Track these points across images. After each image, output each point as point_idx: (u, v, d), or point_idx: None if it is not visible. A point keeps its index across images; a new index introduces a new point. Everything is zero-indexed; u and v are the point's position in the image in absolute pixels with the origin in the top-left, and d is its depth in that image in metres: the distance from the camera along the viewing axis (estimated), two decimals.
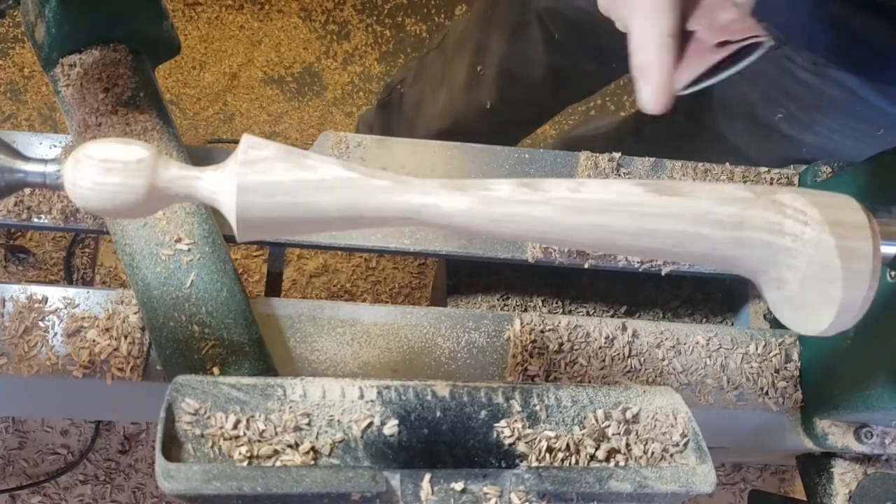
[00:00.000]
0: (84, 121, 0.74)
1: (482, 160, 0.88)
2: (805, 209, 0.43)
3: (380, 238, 0.83)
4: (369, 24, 1.96)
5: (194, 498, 0.48)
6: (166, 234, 0.71)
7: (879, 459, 0.83)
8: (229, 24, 1.91)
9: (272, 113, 1.85)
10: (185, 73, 1.85)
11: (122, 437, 1.58)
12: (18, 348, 0.74)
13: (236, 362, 0.69)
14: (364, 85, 1.91)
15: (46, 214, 0.80)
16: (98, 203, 0.44)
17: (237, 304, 0.71)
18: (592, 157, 0.88)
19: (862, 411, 0.73)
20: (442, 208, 0.45)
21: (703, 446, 0.56)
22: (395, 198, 0.44)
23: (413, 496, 0.51)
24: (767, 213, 0.45)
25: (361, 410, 0.55)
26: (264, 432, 0.53)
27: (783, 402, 0.81)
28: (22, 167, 0.48)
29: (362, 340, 0.79)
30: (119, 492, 1.56)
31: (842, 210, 0.43)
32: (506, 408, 0.56)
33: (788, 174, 0.89)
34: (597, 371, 0.79)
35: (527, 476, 0.52)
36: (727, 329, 0.83)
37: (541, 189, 0.45)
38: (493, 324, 0.81)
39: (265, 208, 0.43)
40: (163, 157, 0.45)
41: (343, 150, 0.86)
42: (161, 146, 0.75)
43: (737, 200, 0.45)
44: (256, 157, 0.43)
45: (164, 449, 0.49)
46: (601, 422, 0.56)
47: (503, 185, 0.45)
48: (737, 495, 1.66)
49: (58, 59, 0.77)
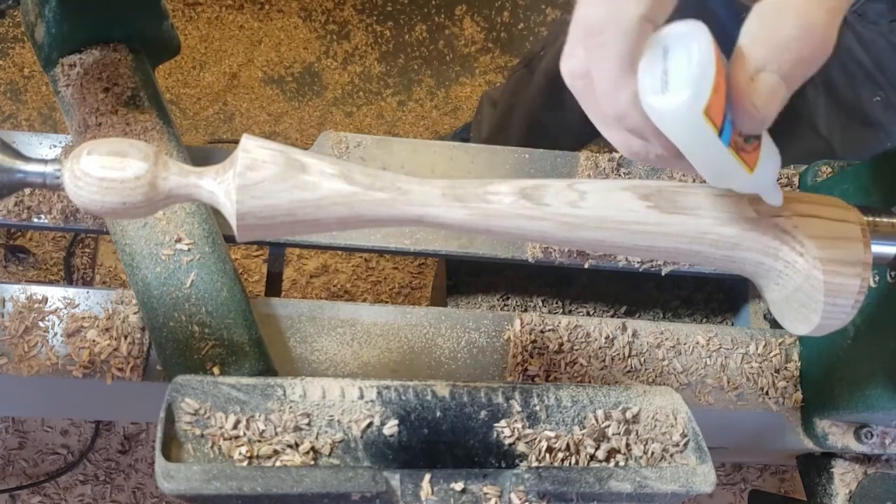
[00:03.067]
0: (84, 121, 0.74)
1: (482, 160, 0.88)
2: (804, 241, 0.43)
3: (380, 238, 0.83)
4: (369, 24, 1.96)
5: (194, 498, 0.48)
6: (166, 234, 0.71)
7: (879, 459, 0.83)
8: (229, 24, 1.91)
9: (272, 113, 1.85)
10: (185, 73, 1.85)
11: (122, 437, 1.58)
12: (18, 348, 0.74)
13: (236, 362, 0.69)
14: (364, 85, 1.90)
15: (46, 214, 0.80)
16: (100, 212, 0.45)
17: (237, 304, 0.71)
18: (592, 156, 0.88)
19: (862, 411, 0.73)
20: (441, 218, 0.45)
21: (703, 446, 0.56)
22: (394, 210, 0.44)
23: (413, 496, 0.51)
24: (766, 237, 0.45)
25: (361, 410, 0.55)
26: (264, 432, 0.53)
27: (783, 402, 0.81)
28: (22, 167, 0.48)
29: (362, 340, 0.79)
30: (119, 492, 1.56)
31: (840, 245, 0.43)
32: (506, 408, 0.56)
33: (788, 174, 0.88)
34: (597, 371, 0.79)
35: (527, 476, 0.52)
36: (727, 329, 0.83)
37: (541, 203, 0.44)
38: (493, 324, 0.81)
39: (265, 227, 0.43)
40: (161, 168, 0.44)
41: (343, 150, 0.86)
42: (161, 146, 0.75)
43: (739, 221, 0.44)
44: (253, 179, 0.42)
45: (164, 449, 0.49)
46: (601, 422, 0.56)
47: (504, 197, 0.45)
48: (737, 495, 1.66)
49: (58, 59, 0.77)
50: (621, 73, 0.38)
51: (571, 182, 0.45)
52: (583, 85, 0.43)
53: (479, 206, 0.45)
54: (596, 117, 0.44)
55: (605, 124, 0.44)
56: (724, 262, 0.46)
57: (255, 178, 0.42)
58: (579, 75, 0.42)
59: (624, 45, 0.37)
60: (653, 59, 0.37)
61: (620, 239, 0.45)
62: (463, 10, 2.00)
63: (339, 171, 0.44)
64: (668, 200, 0.45)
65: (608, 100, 0.40)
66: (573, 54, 0.42)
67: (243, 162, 0.42)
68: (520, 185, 0.45)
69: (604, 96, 0.40)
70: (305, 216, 0.43)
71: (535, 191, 0.45)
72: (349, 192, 0.43)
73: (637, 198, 0.45)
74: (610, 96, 0.40)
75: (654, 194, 0.45)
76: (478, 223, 0.45)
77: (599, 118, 0.43)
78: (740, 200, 0.45)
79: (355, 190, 0.43)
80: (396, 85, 1.92)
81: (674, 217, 0.44)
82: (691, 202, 0.45)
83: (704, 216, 0.45)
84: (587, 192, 0.45)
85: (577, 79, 0.42)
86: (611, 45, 0.38)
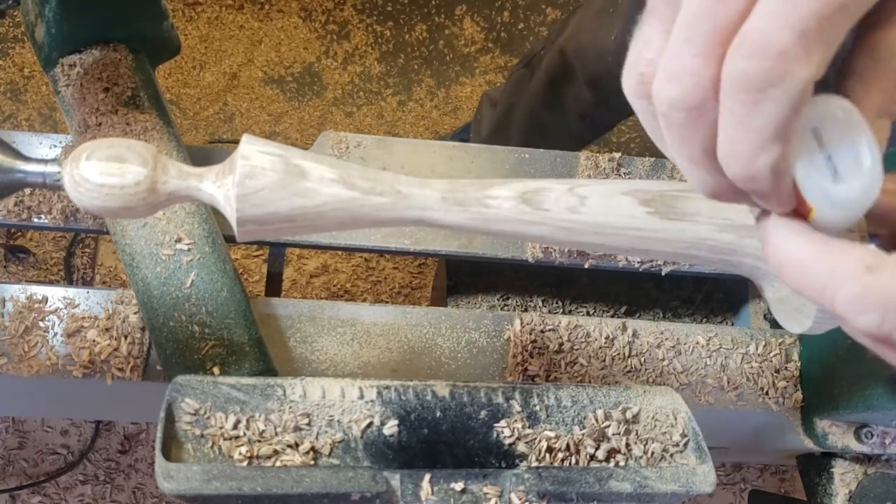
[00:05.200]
0: (84, 121, 0.74)
1: (482, 160, 0.88)
2: None
3: (380, 238, 0.83)
4: (369, 24, 1.96)
5: (194, 498, 0.48)
6: (166, 234, 0.71)
7: (879, 459, 0.83)
8: (229, 24, 1.91)
9: (272, 113, 1.85)
10: (185, 73, 1.85)
11: (122, 437, 1.58)
12: (18, 348, 0.74)
13: (236, 362, 0.69)
14: (364, 85, 1.91)
15: (46, 214, 0.80)
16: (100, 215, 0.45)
17: (237, 304, 0.71)
18: (592, 156, 0.88)
19: (862, 411, 0.73)
20: (440, 221, 0.45)
21: (703, 446, 0.56)
22: (394, 214, 0.44)
23: (413, 496, 0.51)
24: None
25: (361, 410, 0.55)
26: (264, 432, 0.53)
27: (783, 402, 0.81)
28: (22, 167, 0.48)
29: (362, 340, 0.79)
30: (119, 492, 1.56)
31: None
32: (506, 408, 0.56)
33: None
34: (597, 371, 0.79)
35: (527, 476, 0.52)
36: (727, 329, 0.83)
37: (540, 207, 0.44)
38: (493, 324, 0.81)
39: (265, 231, 0.44)
40: (160, 172, 0.44)
41: (343, 150, 0.86)
42: (161, 146, 0.75)
43: (737, 228, 0.45)
44: (253, 188, 0.42)
45: (164, 449, 0.49)
46: (601, 422, 0.56)
47: (503, 202, 0.45)
48: (737, 495, 1.66)
49: (58, 59, 0.77)
50: (773, 138, 0.33)
51: (573, 185, 0.45)
52: (688, 118, 0.35)
53: (478, 211, 0.45)
54: (688, 155, 0.37)
55: (696, 165, 0.37)
56: (722, 265, 0.47)
57: (254, 186, 0.42)
58: (691, 106, 0.35)
59: (786, 112, 0.32)
60: (805, 135, 0.34)
61: (619, 243, 0.45)
62: (463, 10, 2.00)
63: (338, 176, 0.44)
64: (668, 206, 0.45)
65: (742, 161, 0.34)
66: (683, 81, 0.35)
67: (242, 170, 0.42)
68: (520, 188, 0.45)
69: (737, 156, 0.34)
70: (305, 221, 0.43)
71: (536, 195, 0.45)
72: (349, 197, 0.43)
73: (638, 203, 0.45)
74: (747, 158, 0.34)
75: (654, 199, 0.45)
76: (477, 226, 0.45)
77: (694, 156, 0.37)
78: (739, 207, 0.45)
79: (355, 195, 0.44)
80: (396, 85, 1.92)
81: (673, 223, 0.45)
82: (691, 208, 0.45)
83: (703, 222, 0.45)
84: (587, 197, 0.45)
85: (684, 111, 0.35)
86: (769, 107, 0.32)
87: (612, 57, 1.20)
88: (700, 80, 0.34)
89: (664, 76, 0.35)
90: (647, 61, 0.37)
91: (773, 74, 0.31)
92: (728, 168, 0.36)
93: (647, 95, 0.37)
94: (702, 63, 0.34)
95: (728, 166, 0.36)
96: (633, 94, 0.38)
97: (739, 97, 0.33)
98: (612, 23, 1.19)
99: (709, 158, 0.36)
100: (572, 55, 1.26)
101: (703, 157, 0.37)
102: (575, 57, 1.26)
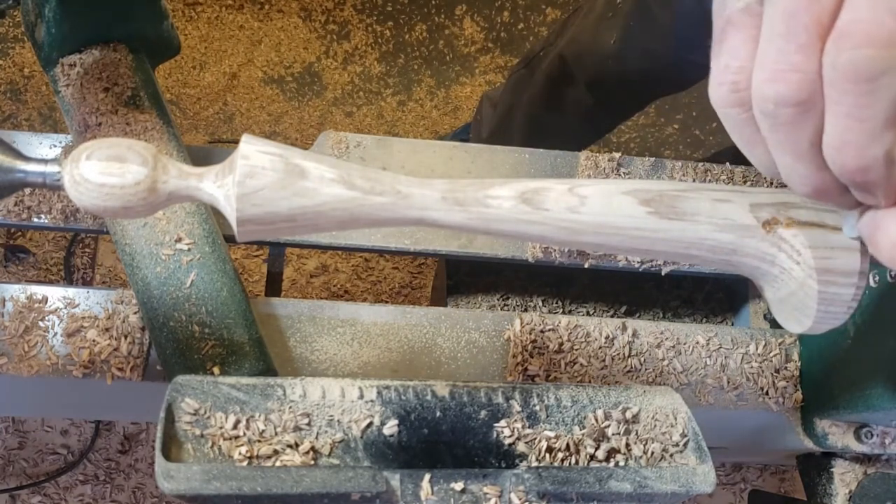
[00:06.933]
0: (84, 121, 0.74)
1: (482, 160, 0.88)
2: (801, 250, 0.44)
3: (380, 238, 0.83)
4: (369, 24, 1.96)
5: (194, 498, 0.48)
6: (166, 234, 0.71)
7: (879, 459, 0.83)
8: (229, 24, 1.91)
9: (272, 113, 1.85)
10: (185, 73, 1.85)
11: (122, 437, 1.58)
12: (18, 348, 0.74)
13: (236, 362, 0.69)
14: (364, 85, 1.91)
15: (46, 214, 0.80)
16: (101, 214, 0.45)
17: (237, 304, 0.71)
18: (592, 156, 0.88)
19: (862, 411, 0.73)
20: (441, 222, 0.45)
21: (703, 446, 0.56)
22: (394, 214, 0.44)
23: (413, 496, 0.51)
24: (763, 245, 0.45)
25: (361, 410, 0.55)
26: (264, 432, 0.53)
27: (783, 402, 0.81)
28: (22, 167, 0.48)
29: (362, 340, 0.79)
30: (119, 492, 1.56)
31: (838, 255, 0.43)
32: (506, 408, 0.56)
33: None
34: (597, 371, 0.79)
35: (527, 476, 0.52)
36: (727, 329, 0.83)
37: (540, 207, 0.44)
38: (493, 324, 0.81)
39: (266, 231, 0.44)
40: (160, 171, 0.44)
41: (343, 150, 0.86)
42: (161, 146, 0.75)
43: (737, 228, 0.45)
44: (253, 187, 0.42)
45: (163, 449, 0.49)
46: (601, 422, 0.56)
47: (503, 202, 0.45)
48: (737, 495, 1.66)
49: (58, 59, 0.77)
50: (886, 127, 0.33)
51: (573, 185, 0.45)
52: (796, 114, 0.35)
53: (478, 211, 0.45)
54: (794, 151, 0.37)
55: (803, 161, 0.37)
56: (722, 265, 0.47)
57: (254, 185, 0.42)
58: (799, 101, 0.35)
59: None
60: None
61: (619, 243, 0.45)
62: (463, 10, 2.00)
63: (338, 176, 0.44)
64: (669, 206, 0.45)
65: (853, 151, 0.34)
66: (789, 78, 0.34)
67: (242, 170, 0.42)
68: (520, 188, 0.45)
69: (848, 147, 0.34)
70: (305, 221, 0.43)
71: (536, 195, 0.45)
72: (349, 197, 0.43)
73: (638, 203, 0.45)
74: (859, 149, 0.34)
75: (655, 199, 0.45)
76: (477, 227, 0.45)
77: (801, 152, 0.37)
78: (739, 207, 0.45)
79: (355, 195, 0.44)
80: (396, 85, 1.92)
81: (673, 223, 0.45)
82: (691, 208, 0.45)
83: (703, 222, 0.45)
84: (588, 197, 0.45)
85: (793, 106, 0.35)
86: (881, 96, 0.32)
87: (611, 61, 1.20)
88: (806, 74, 0.34)
89: (766, 76, 0.35)
90: (737, 69, 0.36)
91: (885, 62, 0.31)
92: (837, 160, 0.35)
93: (741, 103, 0.37)
94: (805, 58, 0.33)
95: (838, 159, 0.35)
96: (725, 104, 0.38)
97: (850, 88, 0.32)
98: (612, 27, 1.19)
99: (815, 153, 0.36)
100: (572, 60, 1.26)
101: (809, 152, 0.36)
102: (575, 61, 1.26)
